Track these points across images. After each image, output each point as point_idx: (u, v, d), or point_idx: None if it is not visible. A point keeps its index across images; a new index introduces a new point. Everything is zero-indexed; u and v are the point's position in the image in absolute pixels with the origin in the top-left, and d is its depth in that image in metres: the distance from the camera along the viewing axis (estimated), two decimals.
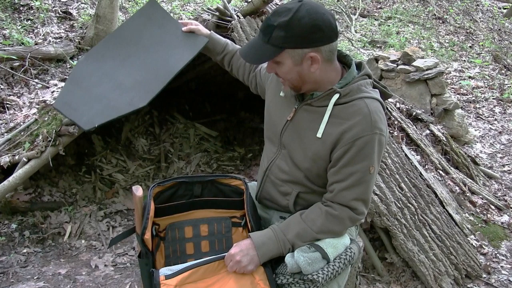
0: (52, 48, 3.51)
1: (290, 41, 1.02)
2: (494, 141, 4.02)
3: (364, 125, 1.05)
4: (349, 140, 1.06)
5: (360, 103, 1.07)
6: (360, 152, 1.06)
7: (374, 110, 1.07)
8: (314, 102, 1.13)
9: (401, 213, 2.13)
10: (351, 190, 1.10)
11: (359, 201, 1.12)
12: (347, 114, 1.08)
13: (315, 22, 1.00)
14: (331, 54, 1.07)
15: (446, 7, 7.67)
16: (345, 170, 1.09)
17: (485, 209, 2.75)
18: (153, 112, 3.42)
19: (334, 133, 1.08)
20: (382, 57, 4.06)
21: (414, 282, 2.09)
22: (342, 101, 1.09)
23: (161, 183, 1.26)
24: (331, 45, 1.05)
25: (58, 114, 2.27)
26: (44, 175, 2.54)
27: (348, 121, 1.07)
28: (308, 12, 0.99)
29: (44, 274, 1.99)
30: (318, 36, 1.02)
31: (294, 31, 1.00)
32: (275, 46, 1.03)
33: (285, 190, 1.24)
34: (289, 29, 1.00)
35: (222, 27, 2.30)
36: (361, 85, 1.10)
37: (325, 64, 1.08)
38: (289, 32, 1.00)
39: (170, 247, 1.28)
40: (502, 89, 5.11)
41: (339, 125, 1.08)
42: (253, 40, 1.09)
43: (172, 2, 5.20)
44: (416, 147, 2.80)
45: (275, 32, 1.01)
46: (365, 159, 1.07)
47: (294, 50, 1.03)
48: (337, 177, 1.11)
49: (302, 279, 1.09)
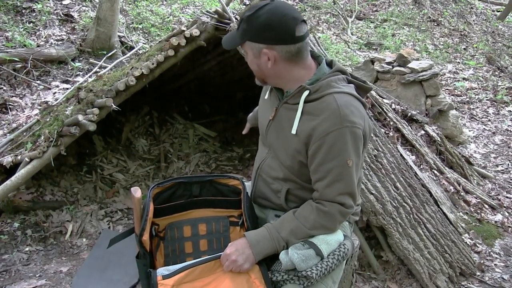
0: (54, 50, 3.54)
1: (248, 33, 1.09)
2: (487, 142, 4.05)
3: (333, 120, 1.06)
4: (319, 136, 1.07)
5: (329, 98, 1.08)
6: (333, 148, 1.06)
7: (343, 104, 1.07)
8: (289, 100, 1.16)
9: (397, 212, 2.15)
10: (334, 187, 1.10)
11: (344, 195, 1.12)
12: (317, 110, 1.09)
13: (269, 21, 1.05)
14: (290, 55, 1.09)
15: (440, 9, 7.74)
16: (322, 168, 1.10)
17: (479, 208, 2.78)
18: (153, 113, 3.45)
19: (306, 129, 1.10)
20: (378, 59, 4.10)
21: (409, 280, 2.11)
22: (312, 97, 1.11)
23: (160, 184, 1.26)
24: (288, 47, 1.08)
25: (60, 114, 2.30)
26: (46, 175, 2.56)
27: (318, 117, 1.08)
28: (268, 11, 1.06)
29: (46, 272, 2.02)
30: (269, 35, 1.07)
31: (251, 25, 1.08)
32: (239, 37, 1.13)
33: (276, 187, 1.26)
34: (249, 23, 1.08)
35: (221, 29, 2.34)
36: (331, 81, 1.12)
37: (285, 62, 1.11)
38: (248, 25, 1.08)
39: (170, 246, 1.29)
40: (495, 90, 5.16)
41: (310, 121, 1.10)
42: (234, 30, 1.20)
43: (171, 5, 5.24)
44: (411, 147, 2.82)
45: (241, 24, 1.11)
46: (340, 153, 1.07)
47: (253, 43, 1.10)
48: (317, 176, 1.12)
49: (297, 275, 1.10)
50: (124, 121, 3.20)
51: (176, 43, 2.28)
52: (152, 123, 3.42)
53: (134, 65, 2.43)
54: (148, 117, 3.41)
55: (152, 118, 3.43)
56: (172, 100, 3.65)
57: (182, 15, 5.01)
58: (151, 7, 4.99)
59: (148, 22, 4.64)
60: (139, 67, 2.28)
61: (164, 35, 4.02)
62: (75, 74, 3.57)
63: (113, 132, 3.14)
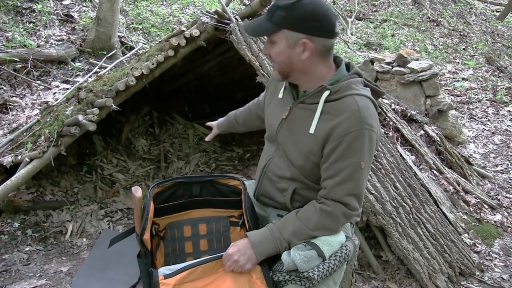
0: (54, 50, 3.55)
1: (288, 22, 1.06)
2: (487, 142, 4.05)
3: (353, 121, 1.07)
4: (338, 136, 1.08)
5: (350, 100, 1.10)
6: (350, 147, 1.08)
7: (363, 107, 1.09)
8: (307, 100, 1.17)
9: (396, 212, 2.16)
10: (343, 186, 1.11)
11: (351, 196, 1.12)
12: (337, 110, 1.10)
13: (316, 11, 1.05)
14: (325, 49, 1.11)
15: (440, 10, 7.75)
16: (336, 166, 1.10)
17: (479, 208, 2.78)
18: (153, 113, 3.46)
19: (325, 129, 1.11)
20: (377, 59, 4.11)
21: (409, 280, 2.11)
22: (332, 98, 1.12)
23: (161, 183, 1.26)
24: (326, 40, 1.09)
25: (60, 115, 2.30)
26: (46, 175, 2.57)
27: (338, 117, 1.09)
28: (313, 2, 1.05)
29: (46, 272, 2.02)
30: (315, 25, 1.06)
31: (294, 13, 1.05)
32: (274, 24, 1.08)
33: (282, 186, 1.26)
34: (290, 11, 1.05)
35: (221, 29, 2.34)
36: (351, 83, 1.14)
37: (317, 57, 1.11)
38: (289, 13, 1.05)
39: (170, 246, 1.29)
40: (495, 90, 5.16)
41: (329, 121, 1.11)
42: (258, 18, 1.15)
43: (171, 5, 5.25)
44: (410, 147, 2.82)
45: (278, 11, 1.07)
46: (355, 154, 1.08)
47: (290, 32, 1.07)
48: (329, 173, 1.13)
49: (298, 276, 1.10)
50: (124, 121, 3.21)
51: (176, 43, 2.29)
52: (152, 123, 3.42)
53: (134, 65, 2.43)
54: (148, 117, 3.42)
55: (152, 118, 3.44)
56: (172, 100, 3.65)
57: (182, 15, 5.02)
58: (151, 7, 5.00)
59: (148, 22, 4.65)
60: (139, 67, 2.29)
61: (164, 35, 4.02)
62: (75, 74, 3.58)
63: (113, 132, 3.15)
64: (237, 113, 1.69)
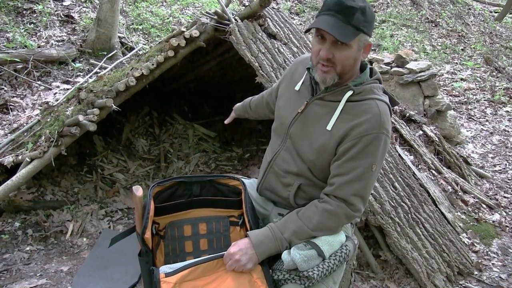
0: (54, 51, 3.56)
1: (365, 25, 1.05)
2: (485, 142, 4.07)
3: (373, 124, 1.09)
4: (356, 136, 1.10)
5: (372, 103, 1.12)
6: (365, 149, 1.09)
7: (383, 112, 1.11)
8: (327, 96, 1.17)
9: (395, 211, 2.17)
10: (351, 185, 1.12)
11: (357, 197, 1.13)
12: (358, 111, 1.12)
13: (373, 14, 1.07)
14: None
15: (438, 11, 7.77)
16: (348, 164, 1.11)
17: (477, 208, 2.79)
18: (153, 113, 3.47)
19: (343, 127, 1.12)
20: (376, 59, 4.12)
21: (408, 279, 2.12)
22: (354, 98, 1.14)
23: (161, 183, 1.26)
24: None
25: (60, 115, 2.31)
26: (47, 175, 2.58)
27: (358, 118, 1.11)
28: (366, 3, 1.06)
29: (47, 271, 2.03)
30: (372, 27, 1.09)
31: (369, 17, 1.05)
32: (355, 28, 1.03)
33: (287, 181, 1.26)
34: (366, 15, 1.04)
35: (220, 30, 2.35)
36: (374, 87, 1.16)
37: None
38: (366, 17, 1.04)
39: (170, 245, 1.29)
40: (493, 90, 5.18)
41: (349, 120, 1.12)
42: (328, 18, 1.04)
43: (171, 6, 5.26)
44: (409, 148, 2.83)
45: (357, 14, 1.02)
46: (369, 156, 1.10)
47: (364, 35, 1.06)
48: (340, 171, 1.13)
49: (298, 275, 1.10)
50: (124, 121, 3.22)
51: (176, 44, 2.30)
52: (152, 123, 3.43)
53: (134, 66, 2.44)
54: (148, 117, 3.43)
55: (152, 118, 3.45)
56: (172, 101, 3.66)
57: (182, 16, 5.03)
58: (151, 8, 5.01)
59: (148, 23, 4.66)
60: (139, 68, 2.30)
61: (164, 36, 4.03)
62: (76, 75, 3.59)
63: (114, 132, 3.16)
64: (252, 99, 1.69)
